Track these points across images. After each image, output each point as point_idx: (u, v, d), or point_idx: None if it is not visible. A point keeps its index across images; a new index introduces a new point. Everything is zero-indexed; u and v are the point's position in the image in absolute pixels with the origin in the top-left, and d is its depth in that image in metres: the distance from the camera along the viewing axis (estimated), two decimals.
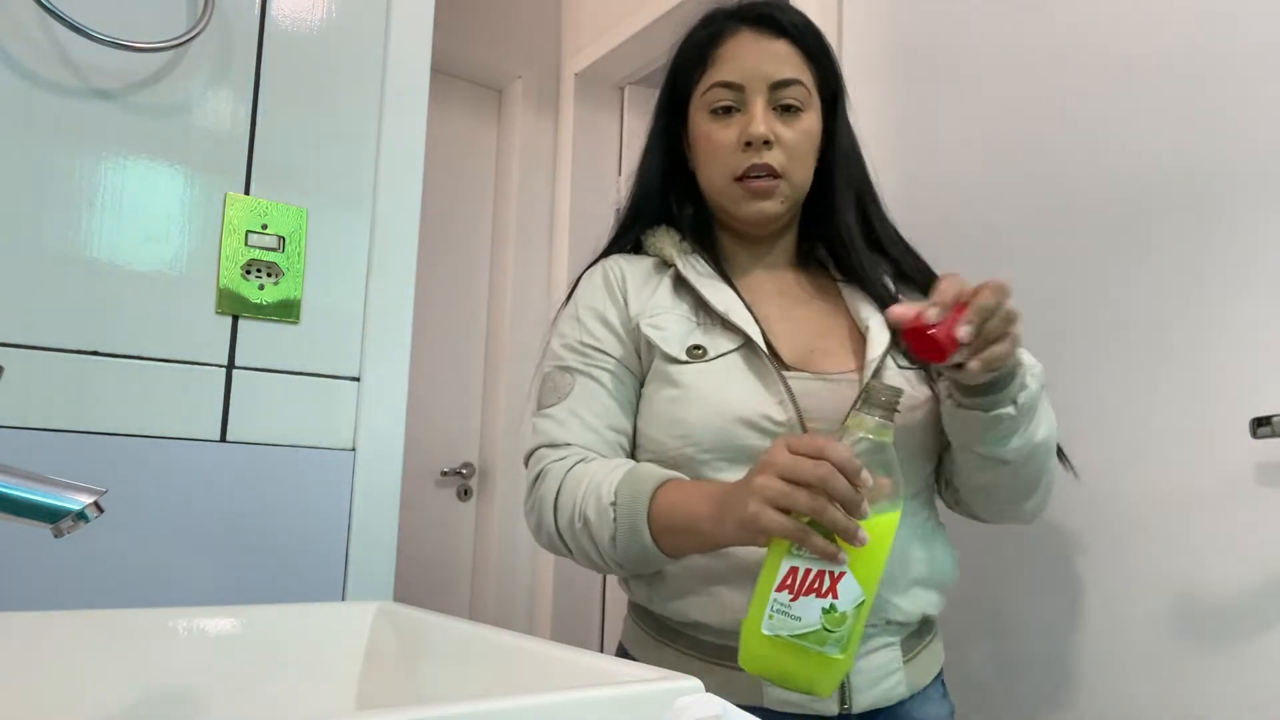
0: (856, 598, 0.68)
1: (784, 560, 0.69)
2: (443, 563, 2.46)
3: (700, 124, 0.95)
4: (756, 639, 0.70)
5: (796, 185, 0.94)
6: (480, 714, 0.43)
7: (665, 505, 0.80)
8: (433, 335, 2.43)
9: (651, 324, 0.91)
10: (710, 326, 0.90)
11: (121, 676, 0.67)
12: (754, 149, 0.91)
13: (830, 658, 0.68)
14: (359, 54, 0.97)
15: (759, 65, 0.92)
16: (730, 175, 0.93)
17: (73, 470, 0.78)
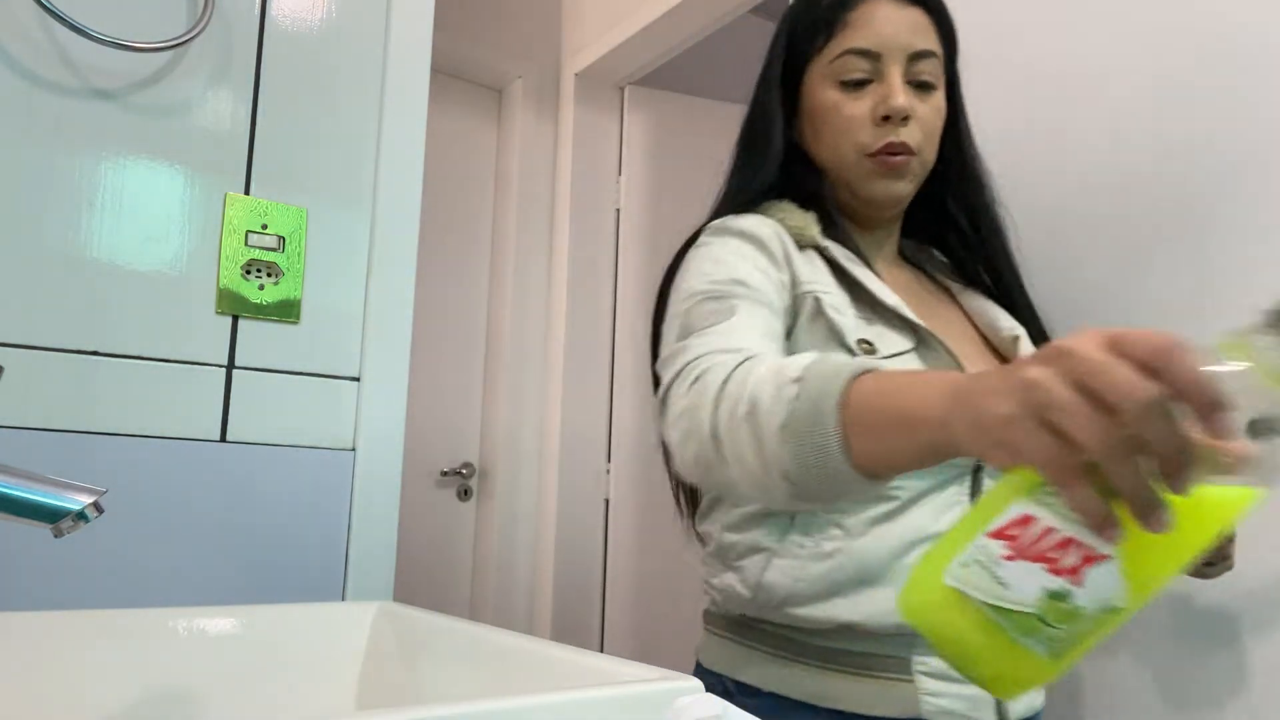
0: (1110, 599, 0.45)
1: (1019, 499, 0.45)
2: (443, 563, 2.46)
3: (825, 93, 0.86)
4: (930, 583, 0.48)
5: (926, 166, 0.87)
6: (480, 714, 0.43)
7: (870, 390, 0.57)
8: (433, 335, 2.43)
9: (832, 305, 0.79)
10: (874, 321, 0.80)
11: (121, 676, 0.67)
12: (892, 124, 0.83)
13: (1029, 653, 0.45)
14: (359, 54, 0.97)
15: (897, 34, 0.84)
16: (862, 151, 0.84)
17: (73, 470, 0.78)
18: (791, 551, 0.77)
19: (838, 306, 0.79)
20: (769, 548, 0.79)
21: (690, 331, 0.76)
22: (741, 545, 0.81)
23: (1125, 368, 0.41)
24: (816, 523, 0.77)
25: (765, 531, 0.79)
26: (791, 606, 0.76)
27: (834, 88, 0.86)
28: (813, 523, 0.77)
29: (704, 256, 0.82)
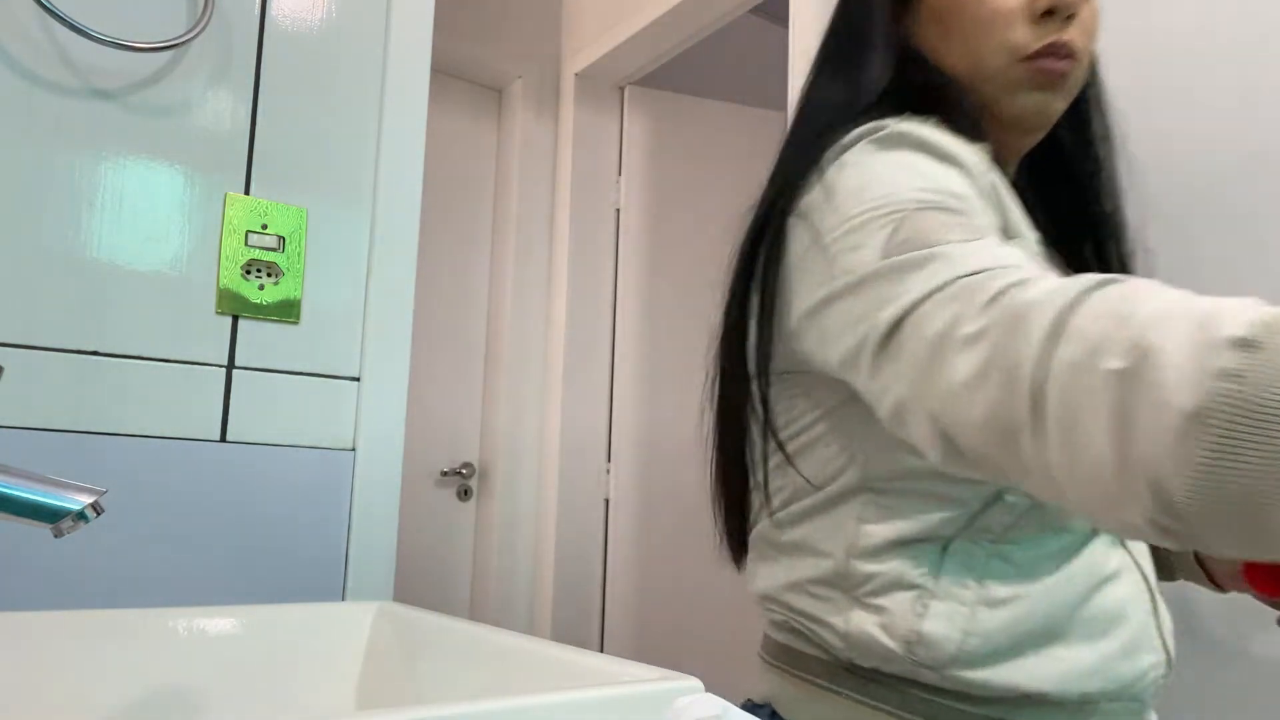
0: None
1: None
2: (443, 563, 2.46)
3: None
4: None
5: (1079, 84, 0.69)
6: (480, 714, 0.43)
7: None
8: (433, 335, 2.43)
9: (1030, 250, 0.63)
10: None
11: (122, 676, 0.67)
12: (1055, 21, 0.66)
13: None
14: (359, 54, 0.97)
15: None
16: (1014, 53, 0.66)
17: (73, 470, 0.78)
18: (952, 593, 0.59)
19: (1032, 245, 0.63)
20: (921, 585, 0.59)
21: (929, 243, 0.52)
22: (883, 578, 0.61)
23: None
24: (978, 554, 0.60)
25: (913, 562, 0.60)
26: (959, 668, 0.58)
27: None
28: (973, 554, 0.60)
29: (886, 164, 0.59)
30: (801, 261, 0.62)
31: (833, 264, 0.57)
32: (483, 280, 2.61)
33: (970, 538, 0.60)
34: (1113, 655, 0.59)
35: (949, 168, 0.60)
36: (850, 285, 0.55)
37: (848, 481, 0.63)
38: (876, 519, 0.61)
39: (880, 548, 0.61)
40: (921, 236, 0.52)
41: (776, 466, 0.69)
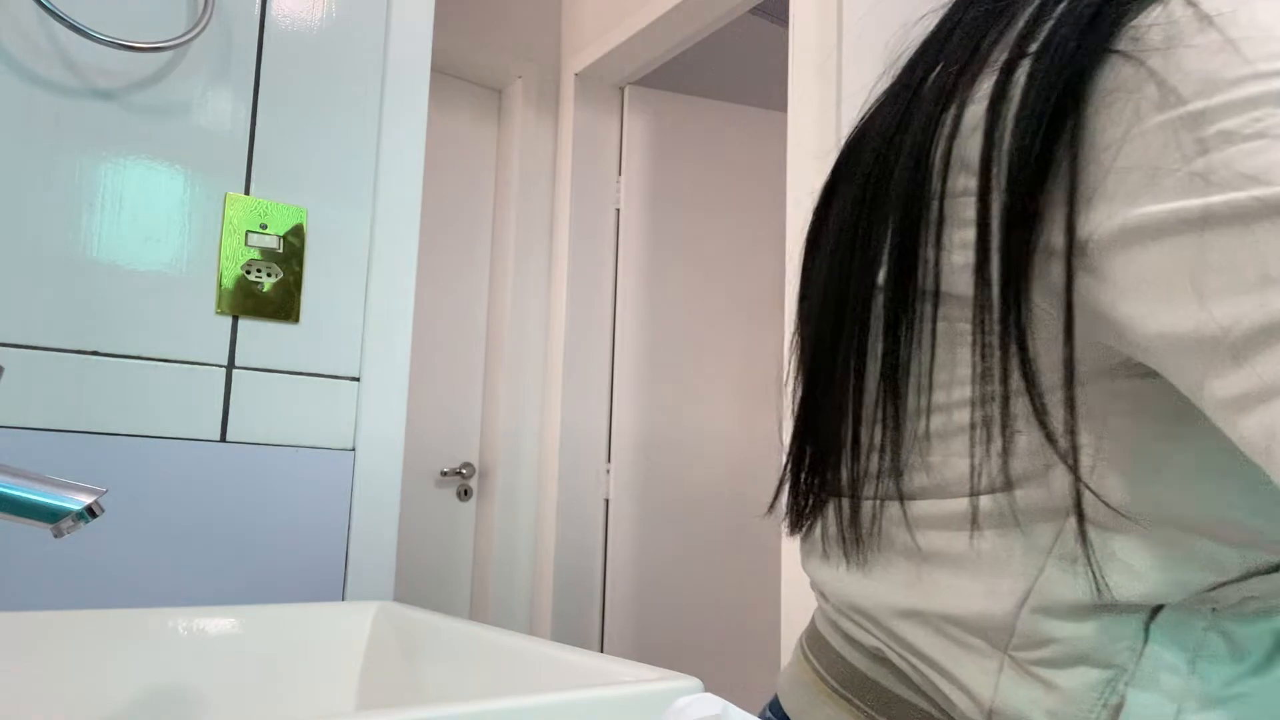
0: None
1: None
2: (443, 563, 2.46)
3: None
4: None
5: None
6: (480, 714, 0.43)
7: None
8: (433, 335, 2.43)
9: None
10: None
11: (122, 676, 0.67)
12: None
13: None
14: (359, 54, 0.97)
15: None
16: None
17: (73, 470, 0.78)
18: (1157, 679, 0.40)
19: None
20: (1120, 665, 0.40)
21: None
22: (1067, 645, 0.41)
23: None
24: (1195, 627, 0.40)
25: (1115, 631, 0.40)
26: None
27: None
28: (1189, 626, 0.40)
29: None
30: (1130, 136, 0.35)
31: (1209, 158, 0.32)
32: (483, 280, 2.61)
33: (1190, 605, 0.40)
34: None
35: None
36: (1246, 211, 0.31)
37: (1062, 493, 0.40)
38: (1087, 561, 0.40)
39: (1078, 604, 0.40)
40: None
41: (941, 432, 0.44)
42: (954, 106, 0.41)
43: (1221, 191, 0.32)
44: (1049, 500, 0.40)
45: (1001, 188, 0.38)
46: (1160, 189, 0.34)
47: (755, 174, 2.65)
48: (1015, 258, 0.38)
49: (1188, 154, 0.33)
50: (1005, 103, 0.38)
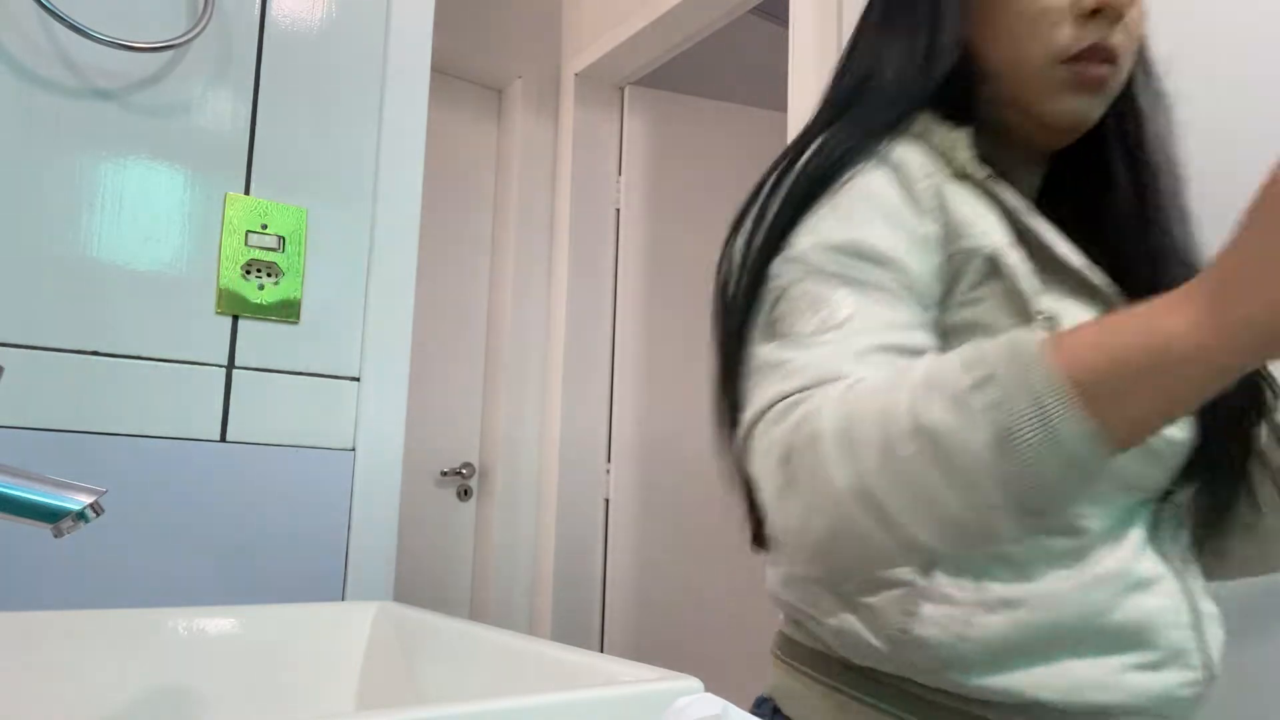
0: None
1: None
2: (443, 563, 2.46)
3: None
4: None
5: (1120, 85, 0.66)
6: (480, 714, 0.43)
7: (1082, 347, 0.44)
8: (433, 335, 2.43)
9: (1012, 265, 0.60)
10: (1051, 284, 0.61)
11: (121, 676, 0.67)
12: (1102, 22, 0.62)
13: None
14: (359, 54, 0.97)
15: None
16: (1056, 54, 0.63)
17: (73, 470, 0.78)
18: (946, 594, 0.57)
19: (1018, 267, 0.59)
20: (911, 583, 0.58)
21: (788, 332, 0.56)
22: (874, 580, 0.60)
23: None
24: (988, 560, 0.57)
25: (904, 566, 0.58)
26: (955, 673, 0.56)
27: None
28: (984, 559, 0.57)
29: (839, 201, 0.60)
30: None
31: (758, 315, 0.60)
32: (483, 280, 2.61)
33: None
34: (1135, 670, 0.56)
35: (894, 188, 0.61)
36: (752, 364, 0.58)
37: None
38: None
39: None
40: (785, 320, 0.57)
41: None
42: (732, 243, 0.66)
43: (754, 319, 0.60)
44: None
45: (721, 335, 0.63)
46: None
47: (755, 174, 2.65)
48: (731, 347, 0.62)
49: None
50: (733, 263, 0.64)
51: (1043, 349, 0.44)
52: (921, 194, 0.61)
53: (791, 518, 0.50)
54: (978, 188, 0.63)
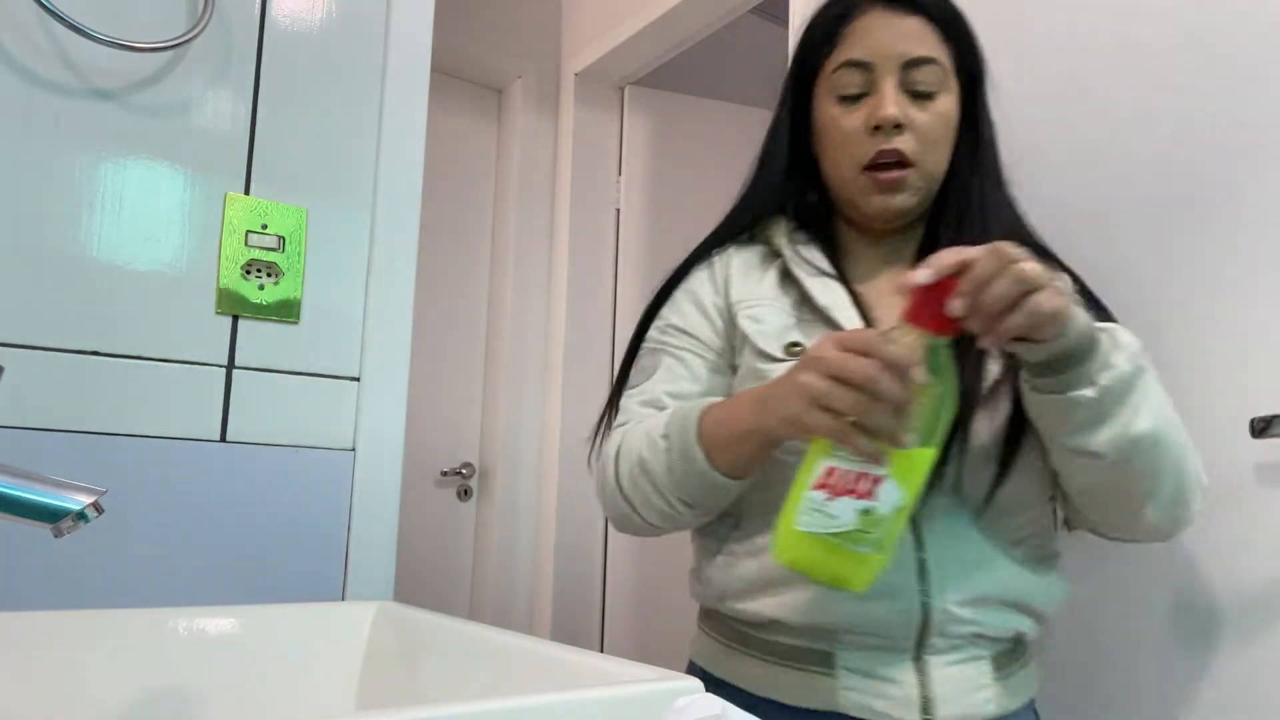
0: (897, 502, 0.66)
1: (823, 459, 0.67)
2: (443, 563, 2.46)
3: (826, 109, 0.87)
4: (790, 534, 0.68)
5: (929, 175, 0.85)
6: (480, 714, 0.43)
7: (712, 423, 0.77)
8: (433, 335, 2.43)
9: (750, 315, 0.87)
10: (813, 323, 0.85)
11: (121, 676, 0.67)
12: (883, 133, 0.83)
13: (864, 555, 0.66)
14: (359, 54, 0.97)
15: (891, 43, 0.84)
16: (857, 164, 0.84)
17: (73, 470, 0.78)
18: (731, 550, 0.85)
19: (758, 316, 0.86)
20: (714, 546, 0.88)
21: (632, 383, 0.92)
22: (701, 543, 0.91)
23: (852, 358, 0.64)
24: (755, 525, 0.83)
25: (715, 532, 0.88)
26: (729, 600, 0.84)
27: (834, 102, 0.86)
28: (752, 525, 0.84)
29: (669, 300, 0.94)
30: None
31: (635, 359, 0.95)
32: (483, 280, 2.61)
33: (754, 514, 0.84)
34: (849, 600, 0.77)
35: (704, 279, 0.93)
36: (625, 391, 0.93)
37: None
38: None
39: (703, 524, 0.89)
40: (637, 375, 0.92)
41: None
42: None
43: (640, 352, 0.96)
44: None
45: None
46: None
47: None
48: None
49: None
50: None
51: (697, 421, 0.78)
52: (718, 277, 0.92)
53: (603, 503, 0.89)
54: (776, 262, 0.90)
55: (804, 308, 0.85)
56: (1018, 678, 0.82)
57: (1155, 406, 0.73)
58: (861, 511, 0.65)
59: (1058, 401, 0.70)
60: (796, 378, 0.68)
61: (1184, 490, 0.76)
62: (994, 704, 0.78)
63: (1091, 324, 0.70)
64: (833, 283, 0.86)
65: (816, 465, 0.67)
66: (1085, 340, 0.69)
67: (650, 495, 0.82)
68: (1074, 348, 0.69)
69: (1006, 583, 0.79)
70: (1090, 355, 0.69)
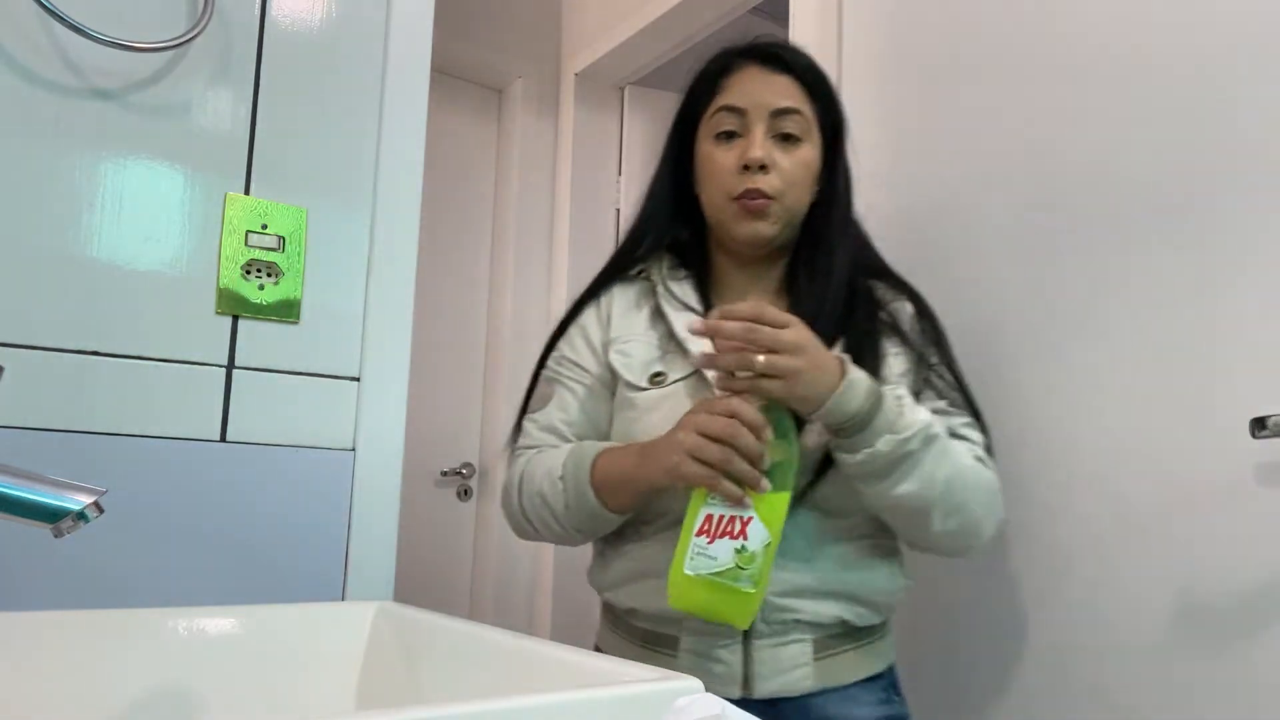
0: (764, 539, 0.81)
1: (701, 508, 0.82)
2: (443, 563, 2.46)
3: (705, 147, 1.02)
4: (681, 579, 0.82)
5: (789, 209, 1.00)
6: (480, 714, 0.43)
7: (602, 468, 0.93)
8: (433, 335, 2.43)
9: (620, 350, 1.02)
10: (675, 353, 0.99)
11: (122, 676, 0.67)
12: (751, 172, 0.97)
13: (744, 591, 0.81)
14: (359, 54, 0.97)
15: (762, 94, 0.99)
16: (728, 195, 0.99)
17: (73, 470, 0.78)
18: (606, 552, 1.04)
19: (627, 351, 1.01)
20: (599, 549, 1.06)
21: (533, 409, 1.07)
22: (592, 547, 1.08)
23: (718, 419, 0.82)
24: (623, 534, 1.01)
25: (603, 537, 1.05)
26: (604, 591, 1.04)
27: (711, 141, 1.01)
28: (626, 532, 1.01)
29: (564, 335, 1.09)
30: None
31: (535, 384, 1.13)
32: (483, 280, 2.61)
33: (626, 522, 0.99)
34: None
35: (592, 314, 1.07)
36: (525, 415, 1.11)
37: None
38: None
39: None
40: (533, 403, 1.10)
41: None
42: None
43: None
44: None
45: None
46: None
47: None
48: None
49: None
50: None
51: (590, 469, 0.94)
52: (603, 315, 1.06)
53: (506, 514, 1.07)
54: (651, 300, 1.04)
55: (670, 340, 1.00)
56: (845, 658, 0.95)
57: (927, 473, 0.88)
58: (737, 550, 0.80)
59: (838, 447, 0.88)
60: (674, 435, 0.85)
61: (968, 527, 0.93)
62: (811, 680, 0.93)
63: (874, 400, 0.86)
64: (694, 317, 0.99)
65: (697, 515, 0.82)
66: (859, 417, 0.85)
67: (549, 522, 0.99)
68: (844, 421, 0.85)
69: (825, 576, 0.93)
70: (865, 426, 0.85)
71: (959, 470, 0.91)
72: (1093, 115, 1.14)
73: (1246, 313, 0.97)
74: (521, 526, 1.03)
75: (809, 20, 1.64)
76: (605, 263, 1.12)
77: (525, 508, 1.00)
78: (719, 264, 1.07)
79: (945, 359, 1.02)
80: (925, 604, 1.26)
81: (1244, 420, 0.95)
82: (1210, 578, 0.97)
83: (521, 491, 1.01)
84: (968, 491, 0.91)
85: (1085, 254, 1.13)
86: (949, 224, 1.31)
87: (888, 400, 0.87)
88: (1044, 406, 1.15)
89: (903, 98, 1.42)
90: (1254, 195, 0.97)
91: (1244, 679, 0.93)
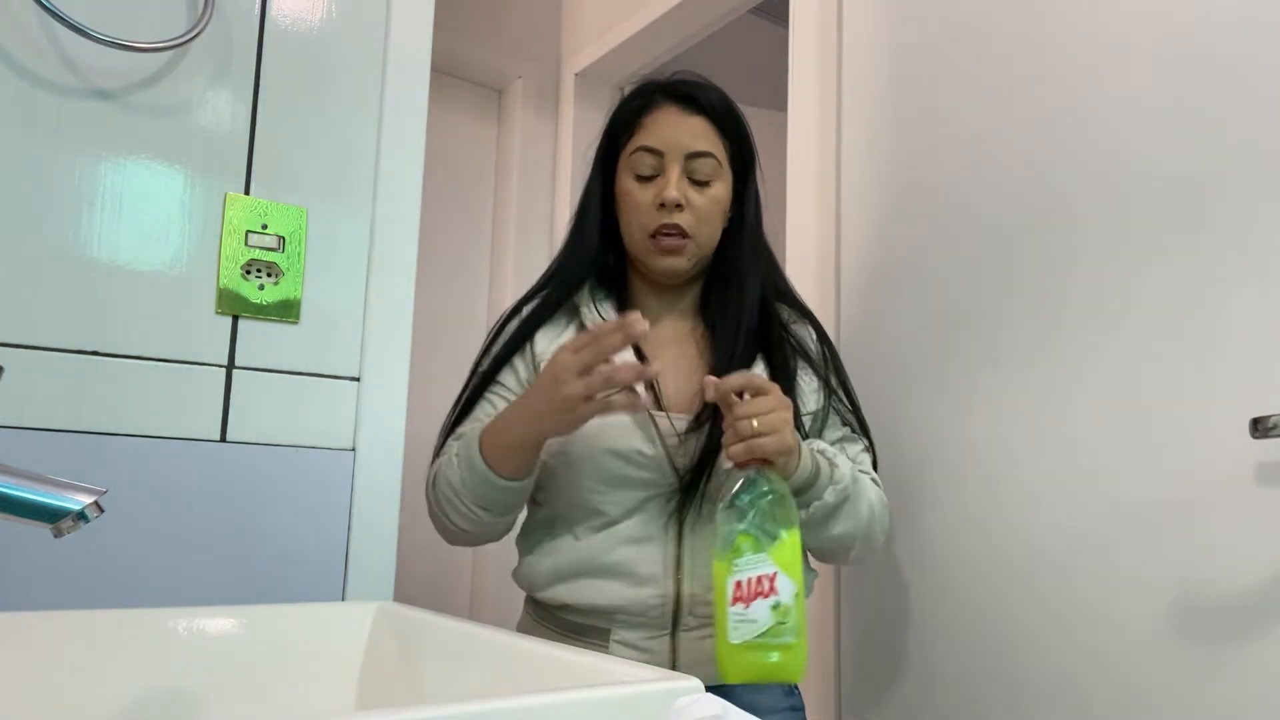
0: (793, 590, 0.84)
1: (728, 579, 0.85)
2: (443, 563, 2.46)
3: (625, 182, 1.09)
4: (729, 650, 0.84)
5: (703, 245, 1.08)
6: (480, 714, 0.43)
7: (490, 435, 0.98)
8: (433, 335, 2.43)
9: (545, 359, 1.03)
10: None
11: (121, 676, 0.67)
12: (666, 210, 1.04)
13: (790, 644, 0.83)
14: (359, 54, 0.97)
15: (678, 136, 1.06)
16: (646, 231, 1.06)
17: (73, 470, 0.78)
18: (533, 553, 1.08)
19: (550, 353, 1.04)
20: (526, 550, 1.10)
21: (462, 418, 1.13)
22: (520, 549, 1.12)
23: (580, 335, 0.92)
24: (550, 535, 1.07)
25: (532, 536, 1.10)
26: (535, 590, 1.07)
27: (631, 178, 1.08)
28: (548, 535, 1.07)
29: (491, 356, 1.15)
30: None
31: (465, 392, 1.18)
32: (483, 280, 2.61)
33: (557, 524, 1.07)
34: (621, 587, 1.01)
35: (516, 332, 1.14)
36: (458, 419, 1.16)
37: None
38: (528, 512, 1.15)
39: (521, 531, 1.14)
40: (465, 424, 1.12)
41: None
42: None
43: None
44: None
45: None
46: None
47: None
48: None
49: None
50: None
51: (479, 436, 0.99)
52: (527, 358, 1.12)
53: (430, 517, 1.08)
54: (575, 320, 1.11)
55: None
56: None
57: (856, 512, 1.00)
58: (772, 607, 0.83)
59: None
60: (546, 373, 0.92)
61: (874, 546, 1.07)
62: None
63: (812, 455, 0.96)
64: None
65: (726, 586, 0.84)
66: (810, 474, 0.95)
67: (453, 500, 1.01)
68: (805, 479, 0.95)
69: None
70: (814, 482, 0.96)
71: (872, 504, 1.04)
72: (1093, 116, 1.14)
73: (1247, 313, 0.97)
74: (436, 519, 1.06)
75: (809, 20, 1.63)
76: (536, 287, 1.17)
77: (434, 496, 1.05)
78: (637, 288, 1.15)
79: (843, 383, 1.14)
80: (925, 604, 1.26)
81: (1244, 420, 0.95)
82: (1210, 577, 0.97)
83: (435, 483, 1.05)
84: (877, 521, 1.05)
85: (1086, 254, 1.13)
86: (949, 224, 1.31)
87: (826, 453, 0.99)
88: (1044, 406, 1.15)
89: (903, 98, 1.42)
90: (1253, 195, 0.97)
91: (1244, 679, 0.93)
